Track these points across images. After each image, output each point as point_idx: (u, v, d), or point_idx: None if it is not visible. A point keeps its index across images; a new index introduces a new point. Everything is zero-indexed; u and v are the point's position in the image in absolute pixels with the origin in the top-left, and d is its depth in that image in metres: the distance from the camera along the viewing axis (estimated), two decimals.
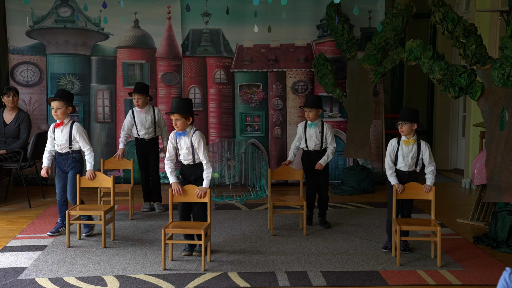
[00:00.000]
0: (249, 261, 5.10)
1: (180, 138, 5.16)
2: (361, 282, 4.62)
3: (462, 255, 5.28)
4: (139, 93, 6.66)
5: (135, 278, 4.68)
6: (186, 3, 6.85)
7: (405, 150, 5.24)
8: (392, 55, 7.42)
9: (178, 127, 5.11)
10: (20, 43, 8.44)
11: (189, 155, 5.16)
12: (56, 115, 5.60)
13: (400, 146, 5.26)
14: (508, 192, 5.45)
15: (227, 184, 8.21)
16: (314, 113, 6.13)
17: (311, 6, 8.57)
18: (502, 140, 5.51)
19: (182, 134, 5.14)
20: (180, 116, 5.07)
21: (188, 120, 5.12)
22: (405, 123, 5.18)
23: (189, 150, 5.14)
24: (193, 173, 5.21)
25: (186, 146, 5.13)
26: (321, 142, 6.16)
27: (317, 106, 6.12)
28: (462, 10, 9.24)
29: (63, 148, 5.66)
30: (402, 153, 5.25)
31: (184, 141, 5.14)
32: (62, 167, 5.71)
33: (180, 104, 5.10)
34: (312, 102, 6.15)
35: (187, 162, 5.20)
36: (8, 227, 6.21)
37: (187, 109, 5.12)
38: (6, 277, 4.68)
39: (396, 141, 5.32)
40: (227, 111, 8.71)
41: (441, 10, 5.73)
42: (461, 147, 9.69)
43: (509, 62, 5.33)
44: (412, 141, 5.24)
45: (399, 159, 5.27)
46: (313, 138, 6.15)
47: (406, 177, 5.28)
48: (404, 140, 5.25)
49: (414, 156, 5.24)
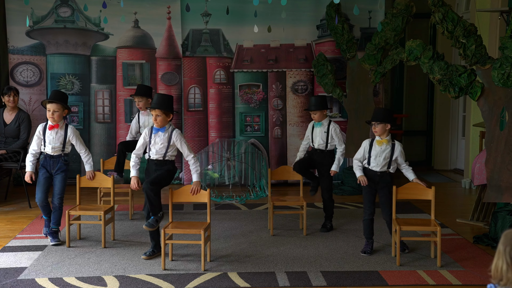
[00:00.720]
0: (249, 261, 5.10)
1: (156, 134, 5.14)
2: (361, 282, 4.62)
3: (462, 255, 5.28)
4: (139, 96, 6.62)
5: (135, 278, 4.68)
6: (186, 3, 6.85)
7: (377, 149, 5.24)
8: (392, 55, 7.42)
9: (157, 123, 5.10)
10: (20, 43, 8.44)
11: (161, 151, 5.14)
12: (52, 117, 5.51)
13: (373, 145, 5.27)
14: (508, 192, 5.45)
15: (227, 184, 8.21)
16: (319, 115, 6.08)
17: (311, 6, 8.58)
18: (502, 140, 5.51)
19: (160, 130, 5.13)
20: (161, 112, 5.07)
21: (169, 117, 5.14)
22: (378, 124, 5.20)
23: (164, 146, 5.13)
24: (159, 169, 5.17)
25: (162, 142, 5.12)
26: (325, 143, 6.08)
27: (321, 108, 6.06)
28: (462, 10, 9.24)
29: (56, 150, 5.57)
30: (374, 153, 5.25)
31: (160, 137, 5.13)
32: (50, 169, 5.59)
33: (162, 100, 5.10)
34: (315, 104, 6.08)
35: (157, 157, 5.16)
36: (8, 227, 6.21)
37: (169, 106, 5.13)
38: (6, 277, 4.68)
39: (369, 141, 5.34)
40: (227, 111, 8.71)
41: (441, 10, 5.73)
42: (461, 147, 9.69)
43: (509, 62, 5.33)
44: (385, 141, 5.23)
45: (372, 159, 5.27)
46: (318, 138, 6.10)
47: (378, 177, 5.26)
48: (378, 140, 5.26)
49: (386, 157, 5.23)
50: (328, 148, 6.08)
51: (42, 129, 5.59)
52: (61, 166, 5.60)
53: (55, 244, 5.52)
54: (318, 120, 6.10)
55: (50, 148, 5.56)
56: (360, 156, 5.34)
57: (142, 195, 7.72)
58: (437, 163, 10.16)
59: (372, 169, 5.28)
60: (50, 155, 5.58)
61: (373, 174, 5.27)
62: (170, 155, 5.19)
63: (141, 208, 7.03)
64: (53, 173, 5.60)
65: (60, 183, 5.59)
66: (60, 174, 5.59)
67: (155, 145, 5.15)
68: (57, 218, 5.61)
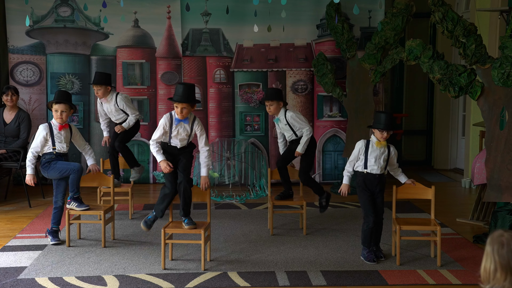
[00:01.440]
0: (249, 261, 5.10)
1: (179, 125, 5.08)
2: (361, 282, 4.62)
3: (462, 255, 5.29)
4: (97, 85, 6.52)
5: (135, 277, 4.68)
6: (186, 3, 6.84)
7: (377, 151, 5.09)
8: (392, 55, 7.42)
9: (183, 116, 5.02)
10: (20, 42, 8.44)
11: (184, 140, 5.12)
12: (60, 118, 5.52)
13: (371, 147, 5.10)
14: (508, 192, 5.45)
15: (227, 183, 8.21)
16: (275, 106, 5.97)
17: (311, 6, 8.57)
18: (502, 139, 5.51)
19: (183, 121, 5.07)
20: (188, 105, 5.01)
21: (193, 108, 5.10)
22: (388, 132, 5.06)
23: (187, 135, 5.11)
24: (182, 153, 5.15)
25: (186, 132, 5.10)
26: (293, 132, 6.03)
27: (277, 98, 5.96)
28: (462, 10, 9.24)
29: (65, 150, 5.63)
30: (374, 155, 5.08)
31: (184, 128, 5.09)
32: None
33: (188, 93, 5.01)
34: (271, 94, 6.00)
35: (180, 145, 5.14)
36: (8, 227, 6.22)
37: (194, 97, 5.08)
38: (6, 277, 4.68)
39: (364, 143, 5.14)
40: (227, 110, 8.71)
41: (441, 10, 5.73)
42: (461, 147, 9.70)
43: (509, 61, 5.33)
44: (384, 143, 5.10)
45: (371, 161, 5.08)
46: (285, 132, 6.06)
47: (377, 180, 5.10)
48: (376, 142, 5.09)
49: (385, 158, 5.11)
50: (299, 135, 6.04)
51: (48, 130, 5.55)
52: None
53: (55, 243, 5.53)
54: (273, 112, 6.01)
55: (61, 147, 5.57)
56: (354, 158, 5.16)
57: (141, 194, 7.72)
58: (437, 163, 10.16)
59: (371, 173, 5.10)
60: (60, 153, 5.58)
61: (372, 178, 5.11)
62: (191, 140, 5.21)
63: (140, 208, 7.03)
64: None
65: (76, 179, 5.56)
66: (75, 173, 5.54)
67: (178, 135, 5.09)
68: (58, 218, 5.61)
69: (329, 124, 8.76)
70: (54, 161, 5.54)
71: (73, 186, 5.53)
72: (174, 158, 5.14)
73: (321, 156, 8.73)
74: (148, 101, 8.63)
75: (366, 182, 5.11)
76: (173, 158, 5.14)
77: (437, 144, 10.13)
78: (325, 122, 8.75)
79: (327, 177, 8.73)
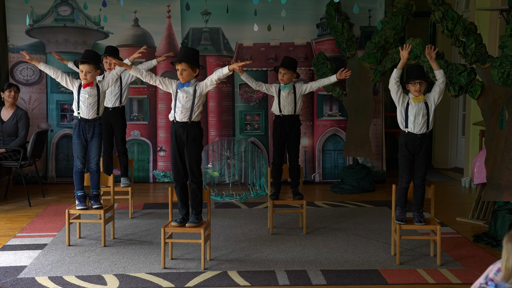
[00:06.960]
0: (249, 260, 5.10)
1: (181, 89, 4.86)
2: (360, 281, 4.62)
3: (462, 254, 5.29)
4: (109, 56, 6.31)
5: (135, 276, 4.68)
6: (186, 2, 6.84)
7: (415, 107, 4.96)
8: (392, 54, 7.42)
9: (183, 78, 4.81)
10: (20, 41, 8.44)
11: (187, 111, 4.85)
12: (85, 78, 5.39)
13: (410, 104, 4.98)
14: (508, 191, 5.46)
15: (227, 182, 8.21)
16: (289, 76, 5.97)
17: (311, 5, 8.57)
18: (502, 138, 5.51)
19: (185, 85, 4.86)
20: (187, 66, 4.80)
21: (195, 72, 4.87)
22: (423, 82, 4.93)
23: (189, 100, 4.83)
24: (186, 133, 4.89)
25: (187, 96, 4.83)
26: (294, 105, 6.01)
27: (293, 68, 5.95)
28: (461, 9, 9.24)
29: (91, 113, 5.48)
30: (413, 112, 4.96)
31: (186, 92, 4.84)
32: (85, 134, 5.52)
33: (188, 53, 4.84)
34: (288, 63, 5.95)
35: (182, 118, 4.87)
36: (8, 226, 6.22)
37: (195, 60, 4.87)
38: (6, 276, 4.68)
39: (406, 98, 5.01)
40: (226, 109, 8.71)
41: (441, 9, 5.73)
42: (461, 146, 9.70)
43: (509, 61, 5.33)
44: (421, 97, 4.98)
45: (410, 119, 4.97)
46: (286, 101, 5.98)
47: (419, 140, 5.00)
48: (413, 97, 4.98)
49: (424, 114, 4.97)
50: (296, 112, 6.03)
51: (78, 85, 5.46)
52: (96, 130, 5.54)
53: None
54: (286, 81, 5.96)
55: (85, 109, 5.44)
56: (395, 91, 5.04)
57: (141, 194, 7.71)
58: (437, 162, 10.16)
59: (411, 132, 4.99)
60: (85, 119, 5.49)
61: (414, 138, 5.01)
62: (197, 114, 4.92)
63: (140, 207, 7.03)
64: (88, 137, 5.54)
65: (97, 148, 5.56)
66: (96, 139, 5.53)
67: (179, 102, 4.84)
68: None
69: (329, 123, 8.76)
70: (78, 138, 5.47)
71: (93, 185, 5.59)
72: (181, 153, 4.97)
73: (321, 155, 8.73)
74: (148, 101, 8.63)
75: (407, 142, 5.05)
76: (180, 153, 4.97)
77: (437, 143, 10.13)
78: (325, 121, 8.75)
79: (327, 176, 8.72)
